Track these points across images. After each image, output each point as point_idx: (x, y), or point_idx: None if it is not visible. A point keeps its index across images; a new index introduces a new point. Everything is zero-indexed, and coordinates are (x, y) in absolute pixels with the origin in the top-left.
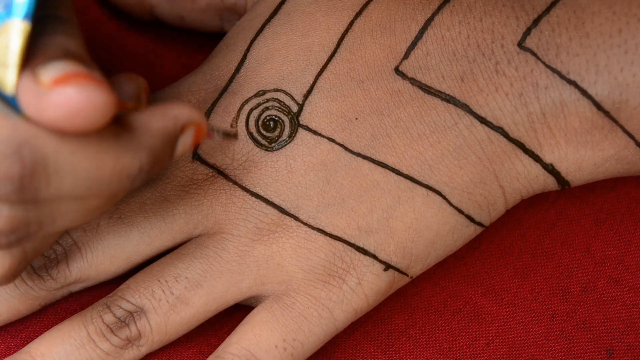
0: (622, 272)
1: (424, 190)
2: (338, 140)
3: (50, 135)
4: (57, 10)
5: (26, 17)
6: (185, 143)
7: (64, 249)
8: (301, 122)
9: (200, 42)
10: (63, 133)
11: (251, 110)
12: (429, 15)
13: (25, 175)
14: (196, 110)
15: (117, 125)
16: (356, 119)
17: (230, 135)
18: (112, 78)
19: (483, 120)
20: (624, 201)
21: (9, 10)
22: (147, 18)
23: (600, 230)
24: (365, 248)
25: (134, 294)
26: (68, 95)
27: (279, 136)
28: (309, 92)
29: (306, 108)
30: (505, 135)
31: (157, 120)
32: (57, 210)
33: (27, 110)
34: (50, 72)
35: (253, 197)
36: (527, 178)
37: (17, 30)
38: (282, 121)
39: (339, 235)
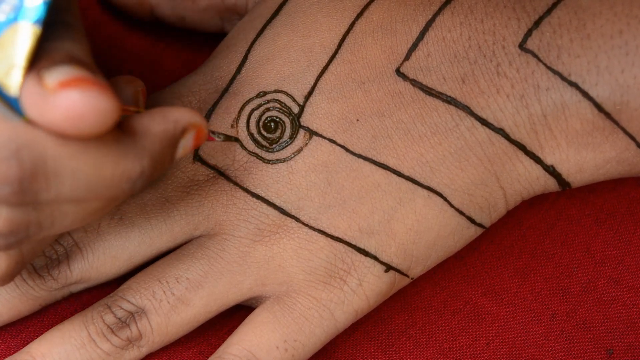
0: (622, 272)
1: (425, 192)
2: (339, 141)
3: (50, 138)
4: (64, 16)
5: (37, 21)
6: (186, 146)
7: (65, 249)
8: (302, 123)
9: (200, 42)
10: (64, 137)
11: (252, 111)
12: (430, 17)
13: (25, 178)
14: (196, 113)
15: (117, 129)
16: (357, 120)
17: (231, 139)
18: (110, 80)
19: (484, 122)
20: (624, 201)
21: (17, 13)
22: (148, 18)
23: (600, 230)
24: (366, 249)
25: (134, 295)
26: (72, 99)
27: (280, 137)
28: (310, 93)
29: (307, 109)
30: (507, 136)
31: (157, 123)
32: (57, 212)
33: (29, 112)
34: (56, 75)
35: (254, 198)
36: (528, 179)
37: (26, 33)
38: (283, 122)
39: (340, 236)
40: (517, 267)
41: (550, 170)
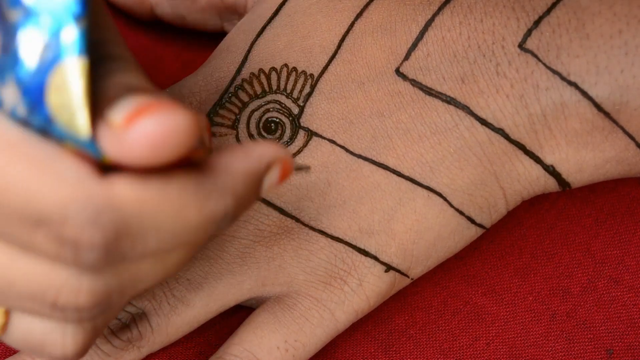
0: (622, 272)
1: (425, 192)
2: (339, 141)
3: (128, 193)
4: (110, 48)
5: (81, 52)
6: (271, 182)
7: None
8: (302, 124)
9: (201, 41)
10: (147, 175)
11: (252, 112)
12: (429, 16)
13: (109, 242)
14: (280, 147)
15: (196, 171)
16: (357, 120)
17: (302, 169)
18: None
19: (484, 122)
20: (624, 201)
21: (57, 53)
22: (148, 18)
23: (601, 230)
24: (367, 249)
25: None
26: (146, 129)
27: (280, 138)
28: (310, 93)
29: (307, 110)
30: (506, 136)
31: (239, 161)
32: (138, 272)
33: (109, 154)
34: (120, 112)
35: None
36: (528, 179)
37: (75, 69)
38: (283, 123)
39: (340, 236)
40: (517, 267)
41: (550, 170)
